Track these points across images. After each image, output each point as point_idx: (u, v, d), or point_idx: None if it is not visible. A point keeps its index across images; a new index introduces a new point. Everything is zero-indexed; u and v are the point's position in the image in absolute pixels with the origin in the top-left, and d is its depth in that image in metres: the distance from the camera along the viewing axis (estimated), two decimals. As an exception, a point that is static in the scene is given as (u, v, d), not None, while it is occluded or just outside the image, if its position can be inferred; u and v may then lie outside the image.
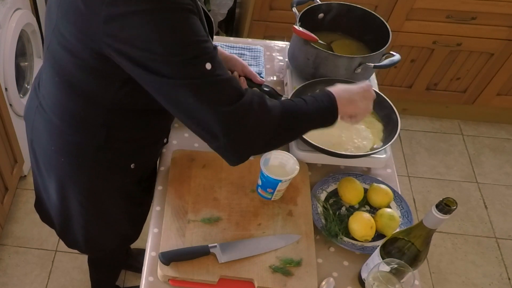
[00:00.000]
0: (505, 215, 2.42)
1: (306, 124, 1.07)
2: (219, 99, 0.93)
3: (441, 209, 0.91)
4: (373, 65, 1.36)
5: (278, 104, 1.02)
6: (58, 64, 1.07)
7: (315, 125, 1.08)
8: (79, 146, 1.17)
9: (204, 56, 0.90)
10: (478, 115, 2.78)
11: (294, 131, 1.07)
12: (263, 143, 1.01)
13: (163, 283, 1.12)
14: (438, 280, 2.18)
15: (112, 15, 0.87)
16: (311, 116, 1.06)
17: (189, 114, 0.95)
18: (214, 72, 0.91)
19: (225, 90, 0.94)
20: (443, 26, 2.30)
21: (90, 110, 1.10)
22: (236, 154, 1.00)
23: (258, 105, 0.97)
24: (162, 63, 0.89)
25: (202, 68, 0.90)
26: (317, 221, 1.22)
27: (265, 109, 0.98)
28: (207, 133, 0.97)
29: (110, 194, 1.30)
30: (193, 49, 0.89)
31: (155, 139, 1.28)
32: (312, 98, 1.07)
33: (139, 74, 0.93)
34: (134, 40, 0.88)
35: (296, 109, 1.04)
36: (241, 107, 0.94)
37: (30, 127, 1.28)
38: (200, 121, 0.95)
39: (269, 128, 0.99)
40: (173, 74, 0.90)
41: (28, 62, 2.31)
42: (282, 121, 1.01)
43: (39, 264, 2.15)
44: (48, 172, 1.28)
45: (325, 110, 1.07)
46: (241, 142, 0.97)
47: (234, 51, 1.66)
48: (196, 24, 0.91)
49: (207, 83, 0.91)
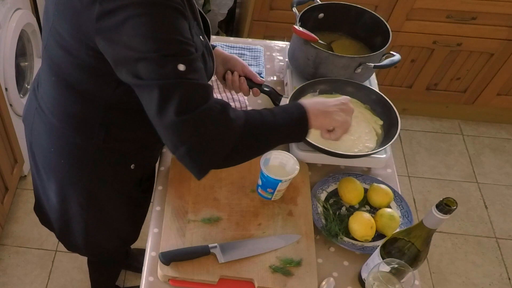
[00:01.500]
0: (505, 215, 2.42)
1: (272, 136, 1.03)
2: (181, 105, 0.90)
3: (441, 209, 0.91)
4: (373, 65, 1.36)
5: (242, 115, 0.98)
6: (55, 64, 1.07)
7: (284, 137, 1.05)
8: (78, 147, 1.17)
9: (180, 57, 0.89)
10: (478, 115, 2.78)
11: (258, 144, 1.02)
12: (224, 154, 0.96)
13: (163, 283, 1.12)
14: (438, 280, 2.18)
15: (103, 11, 0.87)
16: (278, 128, 1.02)
17: (154, 119, 0.94)
18: (186, 75, 0.89)
19: (190, 96, 0.91)
20: (443, 26, 2.30)
21: (88, 110, 1.10)
22: (195, 165, 0.97)
23: (219, 114, 0.94)
24: (140, 61, 0.88)
25: (174, 68, 0.88)
26: (317, 221, 1.22)
27: (226, 119, 0.94)
28: (169, 142, 0.95)
29: (110, 195, 1.30)
30: (172, 46, 0.88)
31: (154, 139, 1.27)
32: (281, 110, 1.03)
33: (122, 75, 0.94)
34: (118, 36, 0.88)
35: (261, 120, 1.00)
36: (200, 115, 0.91)
37: (29, 129, 1.27)
38: (164, 128, 0.94)
39: (229, 138, 0.95)
40: (147, 75, 0.89)
41: (28, 62, 2.31)
42: (245, 132, 0.97)
43: (39, 264, 2.15)
44: (47, 175, 1.27)
45: (295, 122, 1.03)
46: (199, 152, 0.94)
47: (234, 51, 1.66)
48: (180, 24, 0.90)
49: (174, 84, 0.89)
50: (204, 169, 0.98)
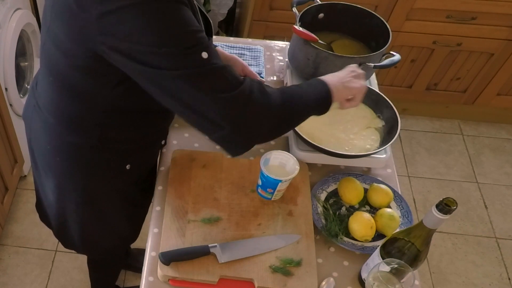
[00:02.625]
0: (505, 215, 2.42)
1: (304, 109, 1.06)
2: (218, 87, 0.92)
3: (441, 209, 0.91)
4: (373, 65, 1.36)
5: (277, 90, 1.02)
6: (52, 64, 1.07)
7: (312, 109, 1.08)
8: (73, 145, 1.17)
9: (200, 46, 0.90)
10: (478, 115, 2.78)
11: (295, 116, 1.06)
12: (267, 129, 1.00)
13: (163, 283, 1.12)
14: (438, 280, 2.18)
15: (104, 12, 0.87)
16: (308, 101, 1.06)
17: (188, 106, 0.94)
18: (211, 61, 0.91)
19: (224, 78, 0.93)
20: (443, 26, 2.30)
21: (84, 110, 1.10)
22: (241, 142, 0.99)
23: (258, 91, 0.97)
24: (157, 55, 0.88)
25: (198, 57, 0.89)
26: (317, 221, 1.22)
27: (265, 94, 0.97)
28: (209, 123, 0.95)
29: (107, 195, 1.30)
30: (188, 39, 0.89)
31: (151, 141, 1.28)
32: (306, 85, 1.08)
33: (135, 69, 0.93)
34: (128, 35, 0.87)
35: (294, 94, 1.04)
36: (241, 93, 0.93)
37: (28, 126, 1.28)
38: (201, 111, 0.94)
39: (270, 113, 0.99)
40: (169, 66, 0.89)
41: (28, 62, 2.31)
42: (283, 106, 1.00)
43: (39, 264, 2.15)
44: (45, 171, 1.28)
45: (321, 95, 1.07)
46: (246, 128, 0.96)
47: (234, 51, 1.66)
48: (187, 14, 0.90)
49: (205, 72, 0.91)
50: (250, 145, 1.01)
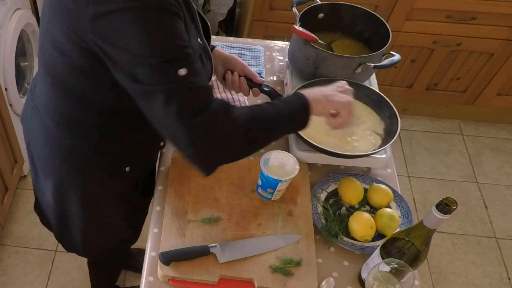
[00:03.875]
0: (505, 215, 2.42)
1: (276, 129, 1.05)
2: (185, 109, 0.91)
3: (441, 209, 0.91)
4: (373, 65, 1.36)
5: (245, 111, 1.00)
6: (50, 65, 1.07)
7: (287, 128, 1.08)
8: (72, 148, 1.17)
9: (181, 61, 0.89)
10: (478, 115, 2.78)
11: (263, 137, 1.05)
12: (231, 152, 1.00)
13: (163, 283, 1.12)
14: (438, 280, 2.18)
15: (98, 13, 0.87)
16: (281, 120, 1.04)
17: (159, 123, 0.96)
18: (188, 79, 0.90)
19: (194, 99, 0.92)
20: (443, 26, 2.30)
21: (82, 111, 1.10)
22: (204, 164, 0.99)
23: (223, 115, 0.96)
24: (139, 66, 0.88)
25: (174, 73, 0.89)
26: (317, 221, 1.22)
27: (230, 118, 0.97)
28: (177, 143, 0.97)
29: (107, 197, 1.29)
30: (169, 51, 0.88)
31: (150, 143, 1.27)
32: (281, 102, 1.06)
33: (119, 77, 0.94)
34: (116, 40, 0.87)
35: (264, 115, 1.02)
36: (206, 118, 0.93)
37: (27, 129, 1.28)
38: (169, 130, 0.95)
39: (235, 137, 0.98)
40: (147, 80, 0.89)
41: (28, 62, 2.31)
42: (249, 129, 0.99)
43: (39, 264, 2.15)
44: (44, 175, 1.27)
45: (296, 111, 1.05)
46: (208, 152, 0.97)
47: (234, 51, 1.66)
48: (178, 27, 0.90)
49: (177, 90, 0.90)
50: (212, 167, 1.00)
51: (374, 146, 1.31)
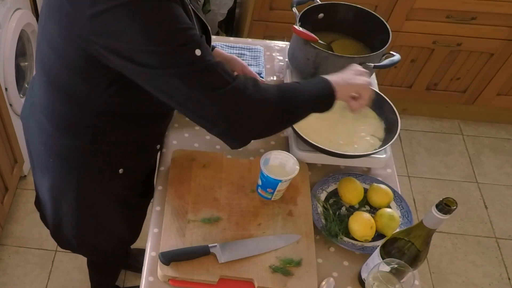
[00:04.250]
0: (505, 215, 2.42)
1: (303, 106, 1.06)
2: (212, 84, 0.92)
3: (441, 209, 0.91)
4: (373, 65, 1.36)
5: (273, 86, 1.01)
6: (46, 64, 1.07)
7: (313, 107, 1.07)
8: (66, 147, 1.17)
9: (192, 43, 0.90)
10: (478, 115, 2.78)
11: (292, 112, 1.05)
12: (263, 124, 1.00)
13: (163, 283, 1.12)
14: (438, 280, 2.18)
15: (97, 12, 0.87)
16: (308, 97, 1.05)
17: (184, 103, 0.95)
18: (204, 58, 0.91)
19: (217, 74, 0.93)
20: (443, 26, 2.30)
21: (76, 110, 1.10)
22: (238, 137, 1.00)
23: (253, 86, 0.96)
24: (150, 54, 0.88)
25: (192, 55, 0.89)
26: (317, 221, 1.22)
27: (260, 90, 0.97)
28: (205, 120, 0.96)
29: (101, 197, 1.29)
30: (180, 36, 0.89)
31: (144, 145, 1.26)
32: (307, 82, 1.07)
33: (129, 68, 0.93)
34: (120, 34, 0.87)
35: (292, 89, 1.04)
36: (235, 89, 0.94)
37: (26, 126, 1.29)
38: (196, 108, 0.94)
39: (265, 108, 0.98)
40: (162, 64, 0.89)
41: (28, 62, 2.31)
42: (279, 101, 1.00)
43: (39, 264, 2.15)
44: (41, 172, 1.28)
45: (323, 92, 1.06)
46: (241, 124, 0.97)
47: (234, 51, 1.66)
48: (178, 12, 0.90)
49: (198, 69, 0.91)
50: (246, 140, 1.01)
51: (374, 147, 1.31)
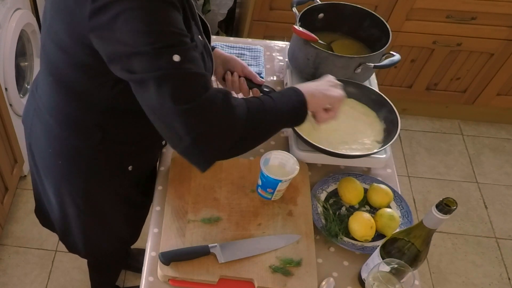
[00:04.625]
0: (505, 215, 2.42)
1: (274, 121, 1.03)
2: (181, 94, 0.89)
3: (441, 209, 0.91)
4: (373, 65, 1.36)
5: (243, 101, 0.98)
6: (52, 64, 1.07)
7: (285, 121, 1.06)
8: (75, 148, 1.17)
9: (175, 47, 0.88)
10: (478, 115, 2.78)
11: (262, 129, 1.02)
12: (229, 143, 0.96)
13: (163, 283, 1.12)
14: (438, 280, 2.18)
15: (95, 9, 0.87)
16: (279, 113, 1.03)
17: (155, 113, 0.93)
18: (181, 65, 0.88)
19: (188, 85, 0.90)
20: (443, 26, 2.30)
21: (84, 110, 1.10)
22: (202, 156, 0.95)
23: (222, 102, 0.93)
24: (135, 56, 0.87)
25: (169, 59, 0.87)
26: (317, 221, 1.22)
27: (229, 106, 0.94)
28: (173, 134, 0.93)
29: (108, 197, 1.29)
30: (165, 38, 0.87)
31: (152, 141, 1.27)
32: (279, 94, 1.05)
33: (118, 72, 0.93)
34: (112, 32, 0.87)
35: (263, 106, 1.01)
36: (203, 104, 0.90)
37: (28, 130, 1.28)
38: (164, 120, 0.92)
39: (234, 126, 0.95)
40: (141, 68, 0.88)
41: (28, 62, 2.31)
42: (248, 118, 0.96)
43: (39, 264, 2.15)
44: (46, 176, 1.27)
45: (294, 105, 1.04)
46: (205, 141, 0.93)
47: (234, 51, 1.66)
48: (173, 16, 0.89)
49: (171, 75, 0.88)
50: (210, 160, 0.96)
51: (374, 147, 1.31)
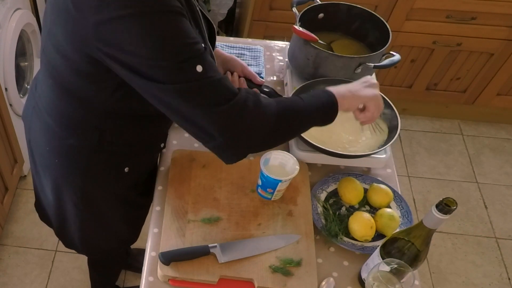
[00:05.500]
0: (505, 215, 2.42)
1: (304, 120, 1.05)
2: (212, 100, 0.92)
3: (441, 209, 0.91)
4: (373, 65, 1.36)
5: (274, 102, 1.01)
6: (52, 67, 1.07)
7: (314, 121, 1.07)
8: (72, 147, 1.17)
9: (194, 59, 0.89)
10: (478, 115, 2.78)
11: (292, 128, 1.05)
12: (260, 141, 1.00)
13: (163, 283, 1.12)
14: (438, 280, 2.18)
15: (102, 20, 0.86)
16: (308, 112, 1.04)
17: (183, 117, 0.95)
18: (206, 74, 0.90)
19: (218, 91, 0.93)
20: (443, 26, 2.30)
21: (83, 112, 1.10)
22: (233, 152, 0.99)
23: (253, 103, 0.96)
24: (152, 68, 0.88)
25: (193, 71, 0.89)
26: (317, 221, 1.22)
27: (260, 106, 0.97)
28: (203, 134, 0.96)
29: (105, 197, 1.29)
30: (182, 51, 0.88)
31: (150, 144, 1.27)
32: (309, 95, 1.07)
33: (131, 78, 0.93)
34: (124, 45, 0.87)
35: (293, 106, 1.03)
36: (235, 106, 0.94)
37: (28, 127, 1.28)
38: (195, 123, 0.95)
39: (265, 126, 0.98)
40: (164, 79, 0.89)
41: (28, 62, 2.31)
42: (279, 118, 0.99)
43: (39, 264, 2.15)
44: (44, 173, 1.28)
45: (324, 105, 1.06)
46: (237, 140, 0.97)
47: (234, 51, 1.66)
48: (184, 26, 0.90)
49: (199, 86, 0.90)
50: (242, 156, 1.01)
51: (374, 147, 1.31)
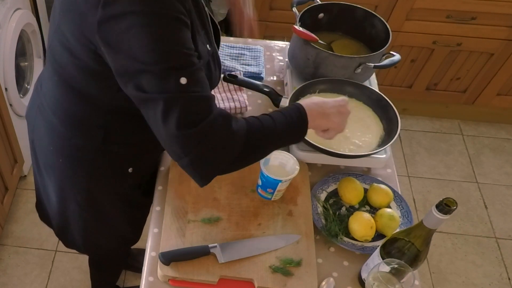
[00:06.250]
0: (505, 215, 2.42)
1: (273, 143, 1.05)
2: (183, 119, 0.90)
3: (441, 209, 0.91)
4: (373, 65, 1.36)
5: (244, 125, 0.99)
6: (58, 64, 1.07)
7: (283, 142, 1.07)
8: (76, 147, 1.17)
9: (183, 69, 0.89)
10: (478, 115, 2.78)
11: (259, 151, 1.05)
12: (226, 163, 0.98)
13: (163, 283, 1.12)
14: (438, 280, 2.18)
15: (105, 16, 0.86)
16: (278, 134, 1.04)
17: (157, 131, 0.95)
18: (188, 88, 0.89)
19: (192, 110, 0.91)
20: (443, 26, 2.30)
21: (88, 111, 1.10)
22: (199, 174, 0.98)
23: (222, 127, 0.95)
24: (141, 73, 0.88)
25: (176, 82, 0.88)
26: (317, 221, 1.22)
27: (228, 131, 0.96)
28: (172, 152, 0.96)
29: (109, 197, 1.29)
30: (174, 59, 0.88)
31: (154, 144, 1.27)
32: (281, 115, 1.05)
33: (122, 84, 0.94)
34: (120, 45, 0.87)
35: (263, 129, 1.02)
36: (203, 129, 0.92)
37: (32, 126, 1.28)
38: (165, 139, 0.95)
39: (232, 149, 0.97)
40: (149, 87, 0.89)
41: (28, 62, 2.31)
42: (247, 142, 0.99)
43: (39, 264, 2.15)
44: (47, 172, 1.28)
45: (294, 126, 1.05)
46: (202, 162, 0.96)
47: (234, 51, 1.66)
48: (184, 35, 0.89)
49: (176, 99, 0.89)
50: (207, 178, 0.99)
51: (374, 147, 1.31)
